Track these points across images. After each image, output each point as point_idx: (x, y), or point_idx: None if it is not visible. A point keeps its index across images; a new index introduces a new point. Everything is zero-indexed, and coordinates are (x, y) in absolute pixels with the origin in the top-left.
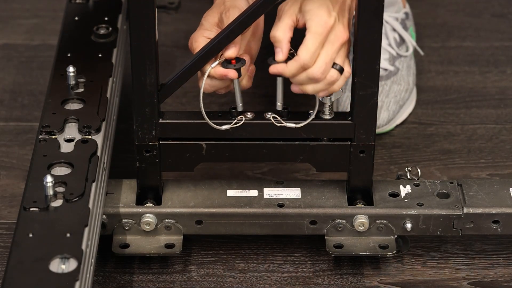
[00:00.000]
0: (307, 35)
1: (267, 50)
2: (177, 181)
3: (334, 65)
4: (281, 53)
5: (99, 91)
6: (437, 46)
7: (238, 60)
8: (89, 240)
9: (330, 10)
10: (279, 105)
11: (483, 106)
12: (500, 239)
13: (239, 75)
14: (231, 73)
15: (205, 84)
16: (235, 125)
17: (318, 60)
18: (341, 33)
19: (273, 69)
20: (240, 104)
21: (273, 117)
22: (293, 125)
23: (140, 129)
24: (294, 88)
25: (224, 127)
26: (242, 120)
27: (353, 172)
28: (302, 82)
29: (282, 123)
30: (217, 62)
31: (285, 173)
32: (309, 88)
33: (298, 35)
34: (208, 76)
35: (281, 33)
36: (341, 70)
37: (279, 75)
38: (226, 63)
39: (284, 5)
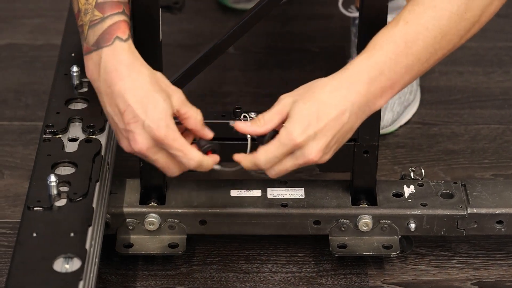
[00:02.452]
0: (274, 140)
1: (267, 50)
2: (180, 181)
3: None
4: (258, 128)
5: None
6: None
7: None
8: (93, 240)
9: (309, 126)
10: None
11: (487, 106)
12: (504, 240)
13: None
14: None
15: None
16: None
17: (274, 168)
18: (309, 153)
19: (236, 157)
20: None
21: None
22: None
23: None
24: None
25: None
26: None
27: (357, 172)
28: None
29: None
30: (219, 167)
31: (289, 173)
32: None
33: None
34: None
35: (270, 116)
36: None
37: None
38: (205, 148)
39: (284, 96)
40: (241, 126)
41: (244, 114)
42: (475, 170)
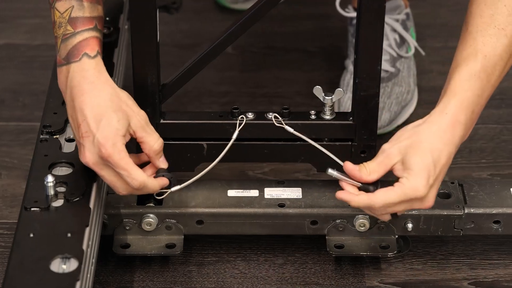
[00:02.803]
0: (395, 189)
1: (264, 50)
2: (178, 181)
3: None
4: (364, 176)
5: None
6: (439, 46)
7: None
8: (90, 240)
9: (429, 177)
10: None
11: (485, 106)
12: (501, 239)
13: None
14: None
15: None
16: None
17: (386, 210)
18: (427, 201)
19: (341, 194)
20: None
21: (274, 117)
22: (291, 130)
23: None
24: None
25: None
26: (243, 121)
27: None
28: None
29: (282, 124)
30: (178, 186)
31: (286, 173)
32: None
33: None
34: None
35: (376, 166)
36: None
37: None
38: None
39: (389, 147)
40: (350, 168)
41: (241, 116)
42: (472, 169)
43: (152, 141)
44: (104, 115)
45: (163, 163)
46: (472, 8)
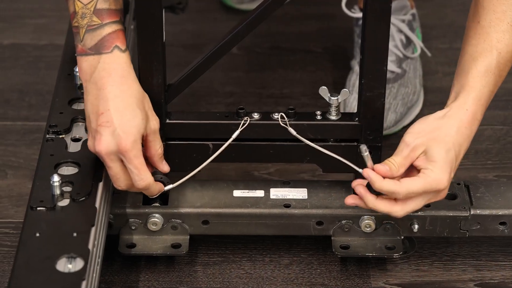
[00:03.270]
0: (420, 179)
1: (270, 51)
2: (170, 182)
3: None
4: (395, 173)
5: None
6: (445, 47)
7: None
8: (96, 240)
9: (452, 169)
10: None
11: (490, 107)
12: (507, 241)
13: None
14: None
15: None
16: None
17: (407, 207)
18: (443, 194)
19: (371, 174)
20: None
21: (281, 117)
22: (293, 132)
23: None
24: (349, 201)
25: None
26: (247, 121)
27: (360, 173)
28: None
29: (287, 125)
30: (171, 185)
31: (292, 174)
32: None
33: None
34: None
35: (403, 161)
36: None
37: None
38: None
39: (413, 140)
40: (381, 170)
41: (247, 116)
42: (478, 171)
43: (158, 145)
44: (129, 111)
45: (166, 166)
46: (484, 3)
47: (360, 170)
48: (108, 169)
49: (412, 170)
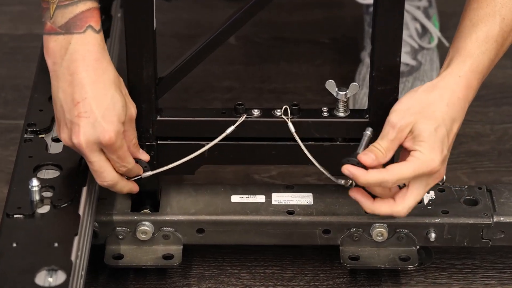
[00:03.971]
0: (408, 163)
1: (272, 42)
2: (176, 186)
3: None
4: (382, 159)
5: None
6: None
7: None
8: (79, 251)
9: (443, 148)
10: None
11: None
12: None
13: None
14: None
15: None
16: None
17: (408, 201)
18: (440, 175)
19: (351, 169)
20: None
21: (283, 112)
22: (292, 130)
23: (136, 127)
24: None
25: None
26: (244, 117)
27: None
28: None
29: (288, 122)
30: (150, 172)
31: (296, 177)
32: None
33: None
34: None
35: (389, 144)
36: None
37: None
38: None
39: (398, 119)
40: (367, 160)
41: (246, 113)
42: (502, 174)
43: (133, 135)
44: (109, 97)
45: (144, 155)
46: None
47: (337, 181)
48: (90, 164)
49: (403, 151)
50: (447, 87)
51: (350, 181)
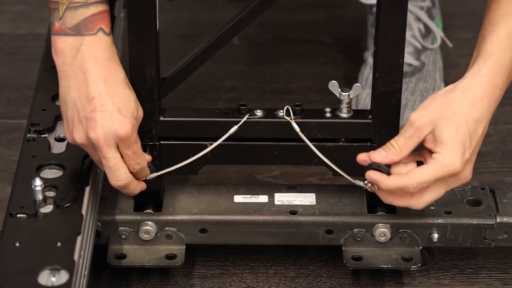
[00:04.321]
0: (429, 167)
1: (274, 42)
2: (179, 186)
3: None
4: (395, 156)
5: None
6: (467, 37)
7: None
8: (82, 250)
9: (465, 150)
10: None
11: None
12: None
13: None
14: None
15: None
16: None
17: (425, 197)
18: (465, 177)
19: (372, 175)
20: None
21: (286, 112)
22: (297, 129)
23: (138, 128)
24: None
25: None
26: (250, 118)
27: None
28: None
29: (291, 122)
30: (155, 174)
31: (298, 177)
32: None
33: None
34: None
35: (406, 142)
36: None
37: (372, 182)
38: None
39: (418, 117)
40: (376, 157)
41: (249, 113)
42: (505, 174)
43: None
44: (123, 93)
45: (147, 155)
46: None
47: (355, 182)
48: (106, 160)
49: (426, 152)
50: (469, 88)
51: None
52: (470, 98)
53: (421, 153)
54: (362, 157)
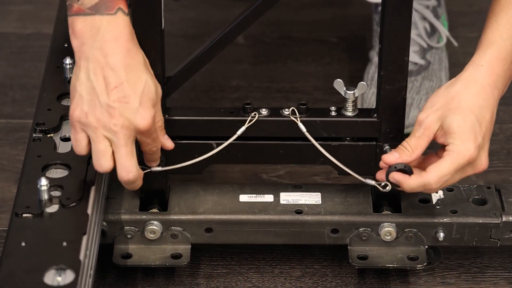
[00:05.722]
0: (445, 159)
1: (279, 41)
2: (184, 185)
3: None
4: (408, 157)
5: None
6: (473, 36)
7: None
8: (88, 250)
9: (476, 135)
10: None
11: None
12: None
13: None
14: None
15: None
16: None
17: (443, 184)
18: (481, 164)
19: (396, 176)
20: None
21: (291, 112)
22: (303, 129)
23: None
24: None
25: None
26: (255, 117)
27: (367, 182)
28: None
29: (297, 121)
30: (159, 168)
31: (304, 176)
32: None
33: None
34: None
35: (417, 141)
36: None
37: (395, 183)
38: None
39: (425, 116)
40: (389, 159)
41: (254, 112)
42: (510, 173)
43: (159, 116)
44: (143, 82)
45: (169, 141)
46: None
47: (366, 181)
48: (122, 148)
49: (441, 150)
50: (470, 79)
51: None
52: (472, 87)
53: (437, 154)
54: (392, 179)
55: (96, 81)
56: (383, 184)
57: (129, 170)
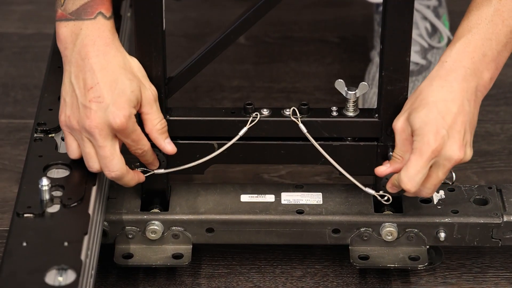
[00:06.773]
0: (411, 158)
1: (281, 41)
2: (186, 185)
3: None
4: (399, 164)
5: None
6: None
7: None
8: (89, 250)
9: (438, 128)
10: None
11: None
12: None
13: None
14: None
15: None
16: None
17: (427, 185)
18: (454, 154)
19: (387, 186)
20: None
21: (292, 112)
22: (304, 130)
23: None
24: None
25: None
26: (257, 117)
27: (366, 190)
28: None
29: (298, 121)
30: (162, 170)
31: (305, 177)
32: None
33: None
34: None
35: (402, 148)
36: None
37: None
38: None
39: (397, 122)
40: (380, 169)
41: (256, 112)
42: None
43: (156, 119)
44: (119, 83)
45: (169, 146)
46: None
47: (367, 190)
48: (101, 149)
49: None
50: (433, 74)
51: (386, 196)
52: (435, 83)
53: None
54: (378, 172)
55: (76, 83)
56: (386, 198)
57: (111, 169)
